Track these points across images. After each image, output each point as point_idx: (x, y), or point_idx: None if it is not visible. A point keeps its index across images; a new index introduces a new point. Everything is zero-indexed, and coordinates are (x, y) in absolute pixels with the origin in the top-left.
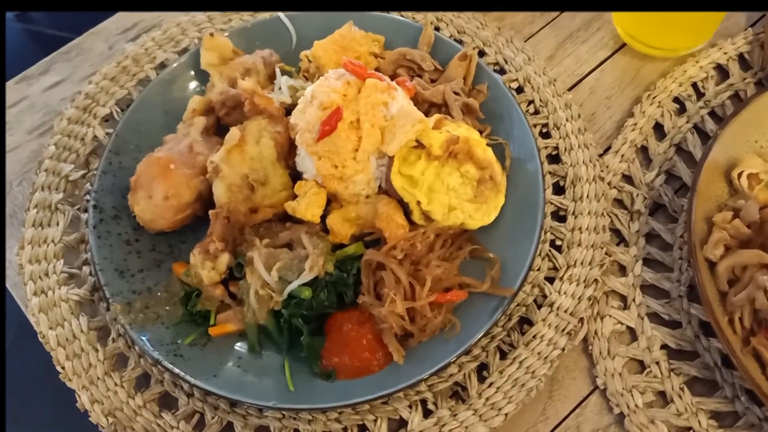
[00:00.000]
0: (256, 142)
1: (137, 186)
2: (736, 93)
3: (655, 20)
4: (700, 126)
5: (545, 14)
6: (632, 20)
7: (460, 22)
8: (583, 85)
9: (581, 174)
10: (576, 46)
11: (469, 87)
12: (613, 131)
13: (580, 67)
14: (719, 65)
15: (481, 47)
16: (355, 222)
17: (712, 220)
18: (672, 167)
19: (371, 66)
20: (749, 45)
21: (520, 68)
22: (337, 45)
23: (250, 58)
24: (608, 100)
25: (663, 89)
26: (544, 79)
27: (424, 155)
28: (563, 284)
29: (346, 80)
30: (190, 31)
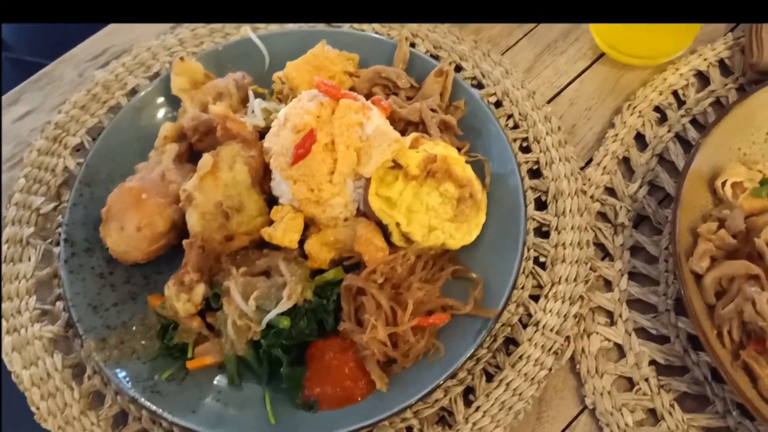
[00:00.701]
0: (229, 168)
1: (109, 218)
2: (718, 100)
3: (633, 29)
4: (682, 135)
5: (523, 26)
6: (610, 29)
7: (436, 37)
8: (562, 97)
9: (563, 188)
10: (554, 57)
11: (447, 103)
12: (594, 143)
13: (559, 78)
14: (700, 72)
15: (458, 62)
16: (334, 246)
17: (697, 231)
18: (655, 178)
19: (346, 85)
20: (730, 50)
21: (498, 82)
22: (311, 65)
23: (222, 81)
24: (588, 111)
25: (643, 99)
26: (523, 92)
27: (402, 175)
28: (548, 302)
29: (320, 101)
30: (161, 55)
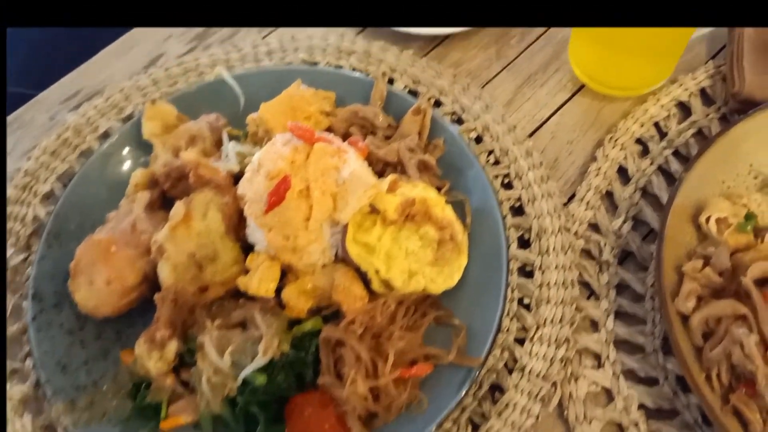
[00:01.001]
0: (202, 216)
1: (77, 272)
2: (700, 130)
3: (613, 60)
4: (665, 167)
5: (502, 57)
6: (589, 61)
7: (414, 72)
8: (543, 130)
9: (546, 226)
10: (534, 90)
11: (425, 142)
12: (576, 177)
13: (539, 111)
14: (681, 102)
15: (438, 96)
16: (312, 294)
17: (682, 270)
18: (639, 212)
19: (322, 125)
20: (711, 79)
21: (478, 117)
22: (286, 105)
23: (195, 124)
24: (570, 145)
25: (625, 131)
26: (504, 127)
27: (380, 220)
28: (534, 346)
29: (294, 146)
30: (134, 96)
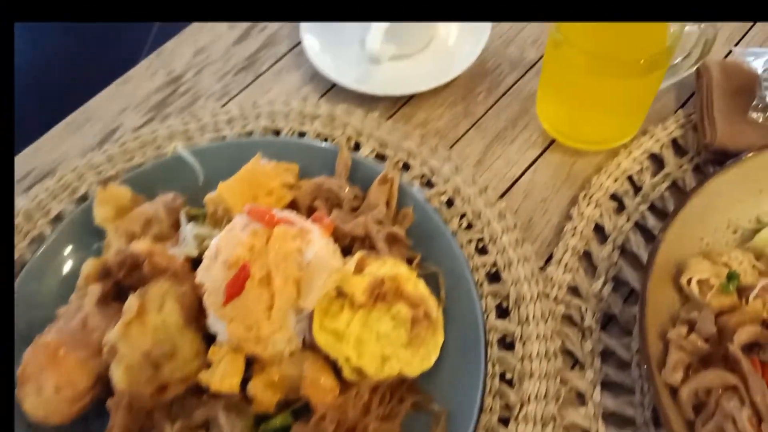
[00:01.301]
0: (158, 309)
1: (24, 379)
2: (674, 183)
3: (581, 116)
4: (642, 223)
5: (469, 115)
6: (557, 116)
7: (381, 134)
8: (516, 189)
9: (524, 292)
10: (504, 147)
11: (394, 212)
12: (552, 237)
13: (510, 169)
14: (653, 154)
15: (406, 159)
16: (280, 386)
17: (667, 338)
18: (618, 272)
19: (285, 200)
20: (682, 128)
21: (448, 179)
22: (246, 182)
23: (150, 206)
24: (544, 203)
25: (598, 187)
26: (475, 189)
27: (347, 304)
28: (519, 426)
29: (253, 230)
30: (88, 175)
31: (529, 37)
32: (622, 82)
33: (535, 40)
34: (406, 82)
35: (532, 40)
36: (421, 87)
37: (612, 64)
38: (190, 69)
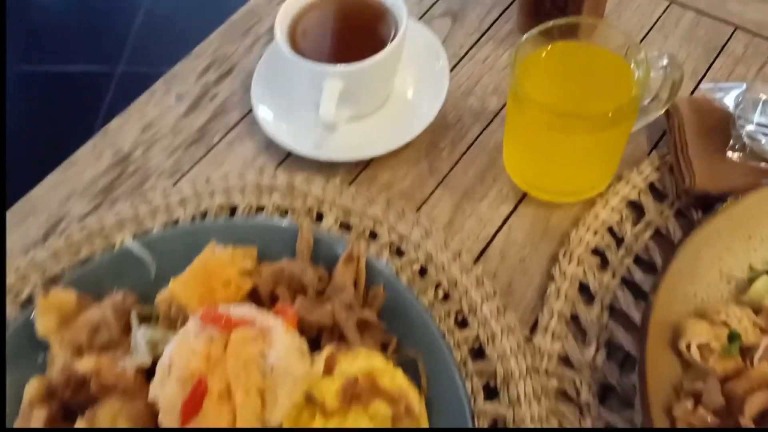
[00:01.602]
0: None
1: None
2: (657, 230)
3: (551, 168)
4: (629, 278)
5: (435, 173)
6: (527, 170)
7: (344, 202)
8: (491, 250)
9: (512, 368)
10: (475, 205)
11: (363, 292)
12: (536, 300)
13: (484, 228)
14: (631, 201)
15: (372, 227)
16: None
17: (673, 414)
18: (611, 337)
19: (244, 289)
20: (658, 171)
21: (418, 246)
22: (199, 276)
23: (97, 310)
24: (523, 264)
25: (578, 242)
26: (448, 255)
27: (320, 411)
28: None
29: (208, 335)
30: (32, 275)
31: (489, 85)
32: (591, 136)
33: (496, 87)
34: (366, 144)
35: (493, 89)
36: (382, 149)
37: (578, 121)
38: (138, 146)
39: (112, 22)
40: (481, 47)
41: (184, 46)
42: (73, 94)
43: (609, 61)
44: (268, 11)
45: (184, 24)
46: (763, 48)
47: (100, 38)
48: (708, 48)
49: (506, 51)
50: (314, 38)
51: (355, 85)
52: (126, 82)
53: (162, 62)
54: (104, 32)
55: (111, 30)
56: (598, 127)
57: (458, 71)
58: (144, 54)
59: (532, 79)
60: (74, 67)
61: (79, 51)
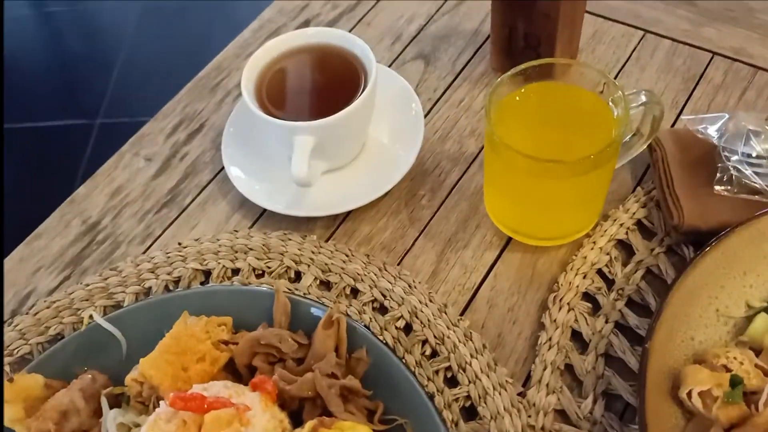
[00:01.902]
0: None
1: None
2: (649, 270)
3: (534, 214)
4: (622, 322)
5: (416, 222)
6: (509, 216)
7: (322, 259)
8: (478, 301)
9: (507, 428)
10: (458, 253)
11: (345, 357)
12: (527, 351)
13: (469, 278)
14: (620, 240)
15: (353, 284)
16: None
17: None
18: (608, 386)
19: (221, 361)
20: (644, 208)
21: (402, 301)
22: (171, 353)
23: (65, 394)
24: (512, 313)
25: (567, 287)
26: (433, 308)
27: None
28: None
29: (181, 419)
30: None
31: (465, 128)
32: (574, 180)
33: (473, 130)
34: (343, 198)
35: (470, 131)
36: (359, 201)
37: (558, 166)
38: (107, 213)
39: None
40: (456, 89)
41: (162, 96)
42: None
43: (586, 101)
44: (237, 65)
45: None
46: (743, 73)
47: (78, 93)
48: (686, 77)
49: (481, 92)
50: (283, 93)
51: (327, 139)
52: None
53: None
54: (82, 86)
55: (89, 84)
56: (580, 171)
57: (434, 115)
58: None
59: (507, 124)
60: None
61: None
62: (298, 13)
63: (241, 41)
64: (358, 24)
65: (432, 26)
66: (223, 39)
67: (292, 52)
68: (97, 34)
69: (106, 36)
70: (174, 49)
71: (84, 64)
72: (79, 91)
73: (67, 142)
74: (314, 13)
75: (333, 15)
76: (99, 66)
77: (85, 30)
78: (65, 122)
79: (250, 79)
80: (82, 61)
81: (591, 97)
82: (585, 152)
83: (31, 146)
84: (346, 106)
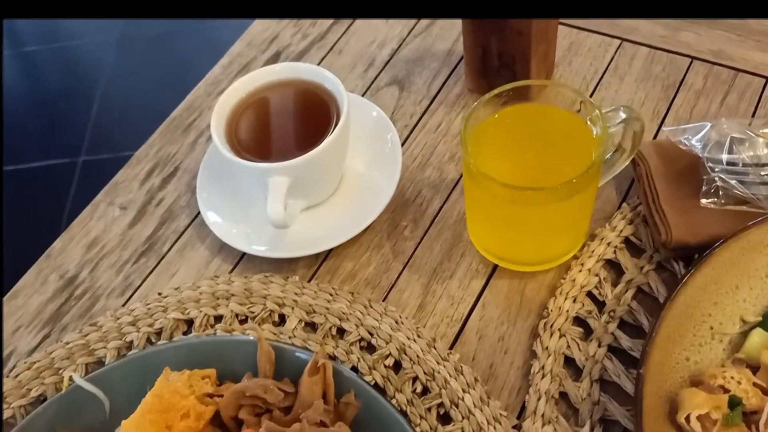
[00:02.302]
0: None
1: None
2: (639, 289)
3: (519, 240)
4: (616, 345)
5: (399, 254)
6: (493, 243)
7: (306, 300)
8: (467, 332)
9: None
10: (444, 284)
11: (333, 403)
12: (521, 381)
13: (457, 309)
14: (608, 260)
15: (339, 324)
16: None
17: None
18: (605, 413)
19: (206, 416)
20: (631, 225)
21: (389, 338)
22: (155, 410)
23: None
24: (502, 343)
25: (557, 312)
26: (422, 343)
27: None
28: None
29: None
30: None
31: (444, 153)
32: (556, 205)
33: (453, 155)
34: (324, 236)
35: (449, 156)
36: (341, 238)
37: (538, 194)
38: (85, 266)
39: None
40: (433, 114)
41: (146, 127)
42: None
43: (564, 121)
44: (208, 103)
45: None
46: (723, 76)
47: (59, 131)
48: (666, 84)
49: (458, 114)
50: (254, 133)
51: (302, 178)
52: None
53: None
54: (63, 124)
55: (70, 121)
56: (563, 196)
57: (411, 142)
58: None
59: (484, 152)
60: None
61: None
62: (267, 46)
63: (212, 78)
64: (330, 53)
65: (404, 50)
66: (207, 63)
67: (261, 90)
68: (76, 68)
69: (84, 70)
70: (155, 76)
71: (64, 101)
72: (60, 129)
73: (52, 182)
74: (284, 44)
75: (303, 45)
76: (78, 102)
77: (63, 66)
78: (48, 162)
79: (220, 121)
80: (61, 98)
81: (569, 117)
82: (566, 175)
83: (14, 189)
84: (319, 142)
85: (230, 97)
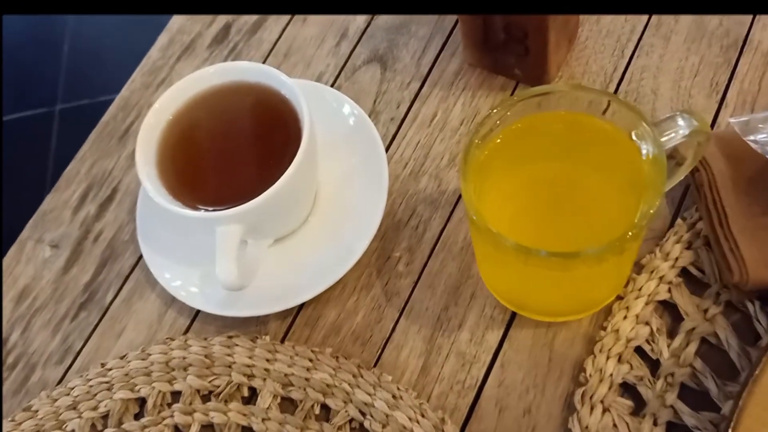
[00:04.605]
0: None
1: None
2: (704, 340)
3: (541, 294)
4: (676, 421)
5: (393, 298)
6: (512, 291)
7: (280, 368)
8: (484, 403)
9: None
10: (452, 336)
11: None
12: None
13: (469, 371)
14: (661, 302)
15: (321, 400)
16: None
17: None
18: None
19: None
20: (690, 249)
21: (386, 420)
22: None
23: None
24: (529, 417)
25: (599, 378)
26: (427, 425)
27: None
28: None
29: None
30: None
31: (443, 154)
32: (589, 270)
33: (453, 156)
34: (296, 283)
35: (448, 158)
36: (320, 285)
37: (568, 261)
38: (15, 326)
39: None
40: (425, 100)
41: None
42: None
43: (598, 136)
44: (147, 99)
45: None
46: None
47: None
48: (726, 44)
49: (458, 99)
50: (192, 168)
51: (260, 221)
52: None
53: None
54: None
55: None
56: (601, 260)
57: (400, 142)
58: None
59: (491, 195)
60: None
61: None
62: (213, 19)
63: (149, 65)
64: (291, 22)
65: None
66: None
67: (194, 105)
68: None
69: None
70: None
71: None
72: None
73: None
74: (234, 16)
75: (258, 15)
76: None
77: None
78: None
79: (147, 157)
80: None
81: (603, 129)
82: (603, 224)
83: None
84: (279, 169)
85: (156, 122)
